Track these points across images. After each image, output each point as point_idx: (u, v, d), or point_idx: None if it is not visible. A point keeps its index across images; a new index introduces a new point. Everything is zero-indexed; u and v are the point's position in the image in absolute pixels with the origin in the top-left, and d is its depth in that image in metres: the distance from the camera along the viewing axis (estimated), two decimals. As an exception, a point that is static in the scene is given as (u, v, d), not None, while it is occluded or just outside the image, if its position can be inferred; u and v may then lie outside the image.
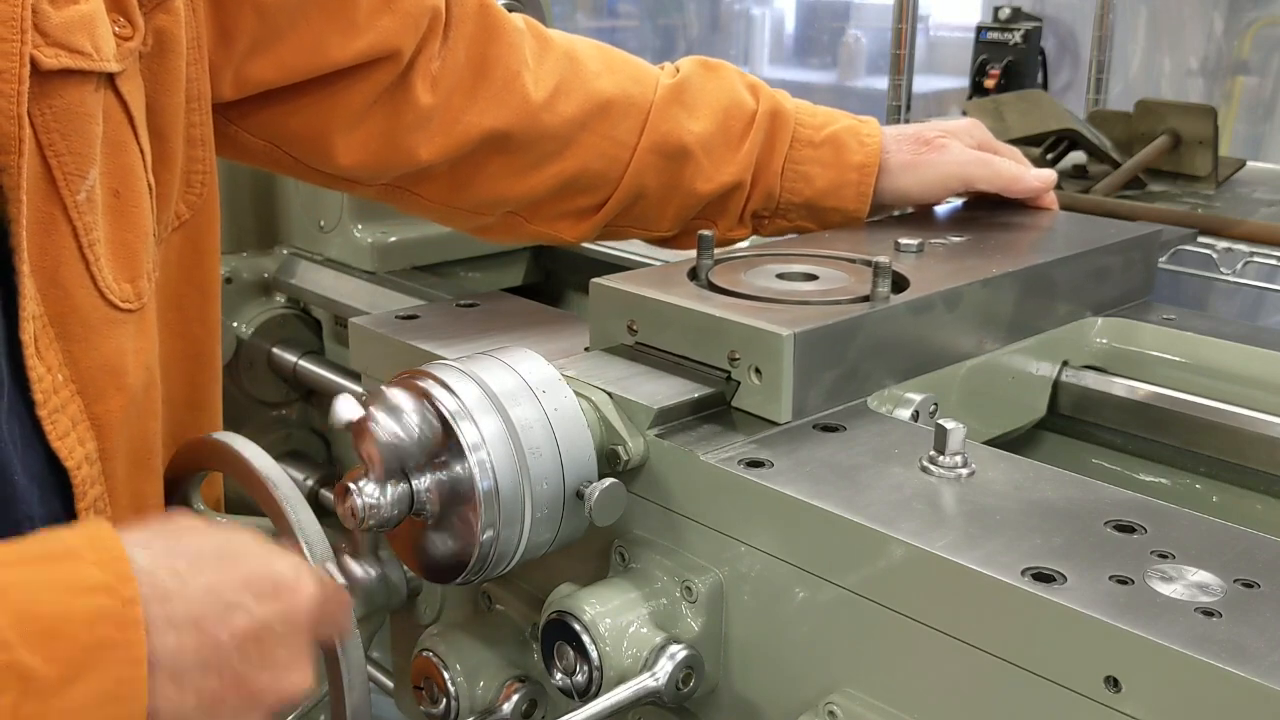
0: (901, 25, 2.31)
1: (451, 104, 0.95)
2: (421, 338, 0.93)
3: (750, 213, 1.06)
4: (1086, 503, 0.65)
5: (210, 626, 0.57)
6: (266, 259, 1.58)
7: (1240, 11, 3.29)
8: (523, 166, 0.99)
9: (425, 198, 1.01)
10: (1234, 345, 0.95)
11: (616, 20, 5.47)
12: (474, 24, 0.97)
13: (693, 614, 0.72)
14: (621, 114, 1.00)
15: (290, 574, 0.62)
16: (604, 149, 1.00)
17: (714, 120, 1.02)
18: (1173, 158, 1.74)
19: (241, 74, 0.87)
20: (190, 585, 0.57)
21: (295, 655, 0.61)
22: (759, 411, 0.75)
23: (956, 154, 1.06)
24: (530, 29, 1.01)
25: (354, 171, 0.96)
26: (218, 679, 0.57)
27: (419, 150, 0.95)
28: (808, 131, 1.04)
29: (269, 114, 0.92)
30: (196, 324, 0.87)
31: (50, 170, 0.68)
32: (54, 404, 0.69)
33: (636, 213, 1.04)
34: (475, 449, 0.69)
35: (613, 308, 0.84)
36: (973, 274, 0.88)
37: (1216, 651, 0.51)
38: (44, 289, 0.68)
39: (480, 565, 0.71)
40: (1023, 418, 0.97)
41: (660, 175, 1.02)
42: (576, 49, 1.02)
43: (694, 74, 1.05)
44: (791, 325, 0.74)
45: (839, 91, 4.73)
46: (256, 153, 0.96)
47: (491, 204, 1.01)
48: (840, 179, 1.04)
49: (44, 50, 0.66)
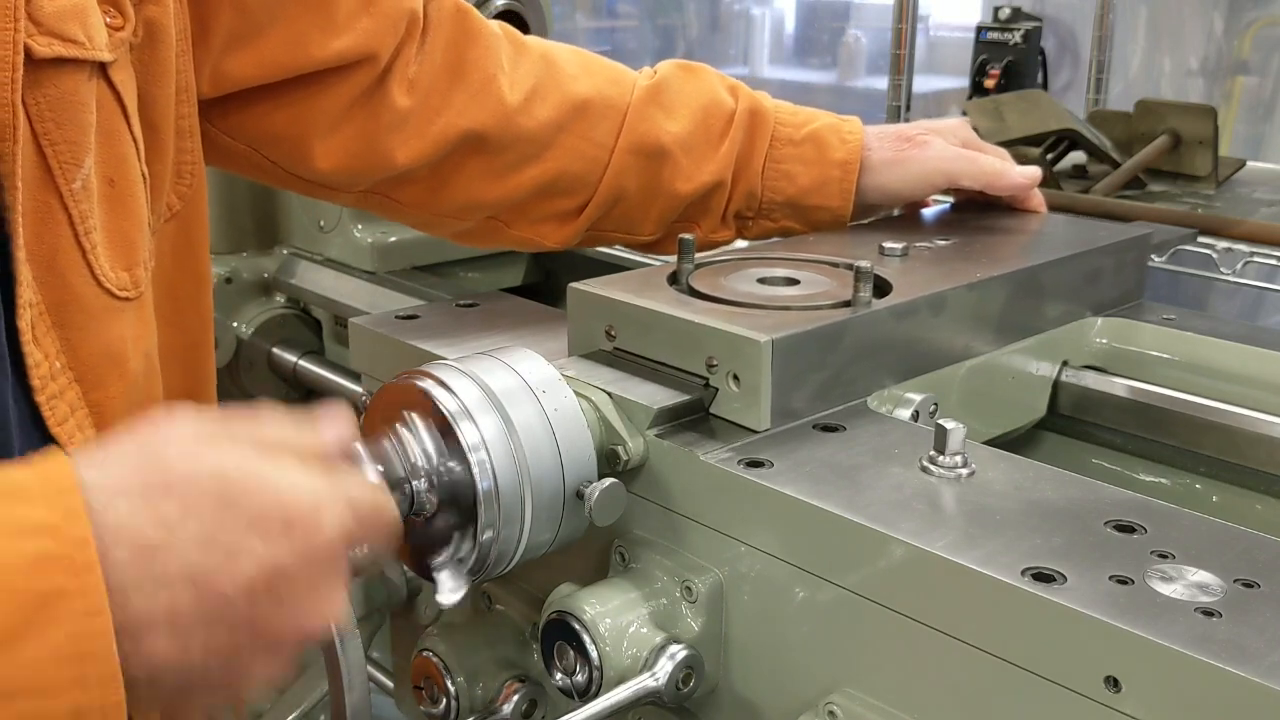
0: (901, 25, 2.31)
1: (428, 106, 0.95)
2: (421, 338, 0.93)
3: (733, 213, 1.06)
4: (1086, 503, 0.65)
5: (210, 579, 0.52)
6: (266, 259, 1.59)
7: (1240, 11, 3.29)
8: (500, 169, 0.99)
9: (404, 203, 1.01)
10: (1234, 345, 0.95)
11: (616, 20, 5.47)
12: (451, 27, 0.97)
13: (693, 614, 0.72)
14: (599, 115, 1.00)
15: (308, 505, 0.55)
16: (582, 150, 1.00)
17: (692, 120, 1.02)
18: (1173, 158, 1.74)
19: (220, 70, 0.87)
20: (181, 535, 0.51)
21: (319, 589, 0.55)
22: (737, 419, 0.75)
23: (939, 150, 1.06)
24: (506, 34, 1.01)
25: (332, 177, 0.97)
26: (227, 631, 0.52)
27: (396, 153, 0.95)
28: (788, 130, 1.04)
29: (247, 114, 0.92)
30: (191, 315, 0.88)
31: (45, 159, 0.68)
32: (52, 390, 0.69)
33: (618, 216, 1.04)
34: (475, 449, 0.69)
35: (591, 313, 0.83)
36: (957, 278, 0.87)
37: (1216, 651, 0.51)
38: (40, 277, 0.68)
39: (480, 565, 0.71)
40: (1023, 418, 0.97)
41: (639, 176, 1.01)
42: (553, 53, 1.03)
43: (672, 75, 1.05)
44: (770, 331, 0.74)
45: (839, 91, 4.73)
46: (236, 157, 0.96)
47: (470, 208, 1.01)
48: (823, 176, 1.03)
49: (37, 39, 0.66)
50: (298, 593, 0.54)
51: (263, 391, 1.59)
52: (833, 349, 0.78)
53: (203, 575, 0.52)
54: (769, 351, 0.73)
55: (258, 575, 0.53)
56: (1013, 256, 0.95)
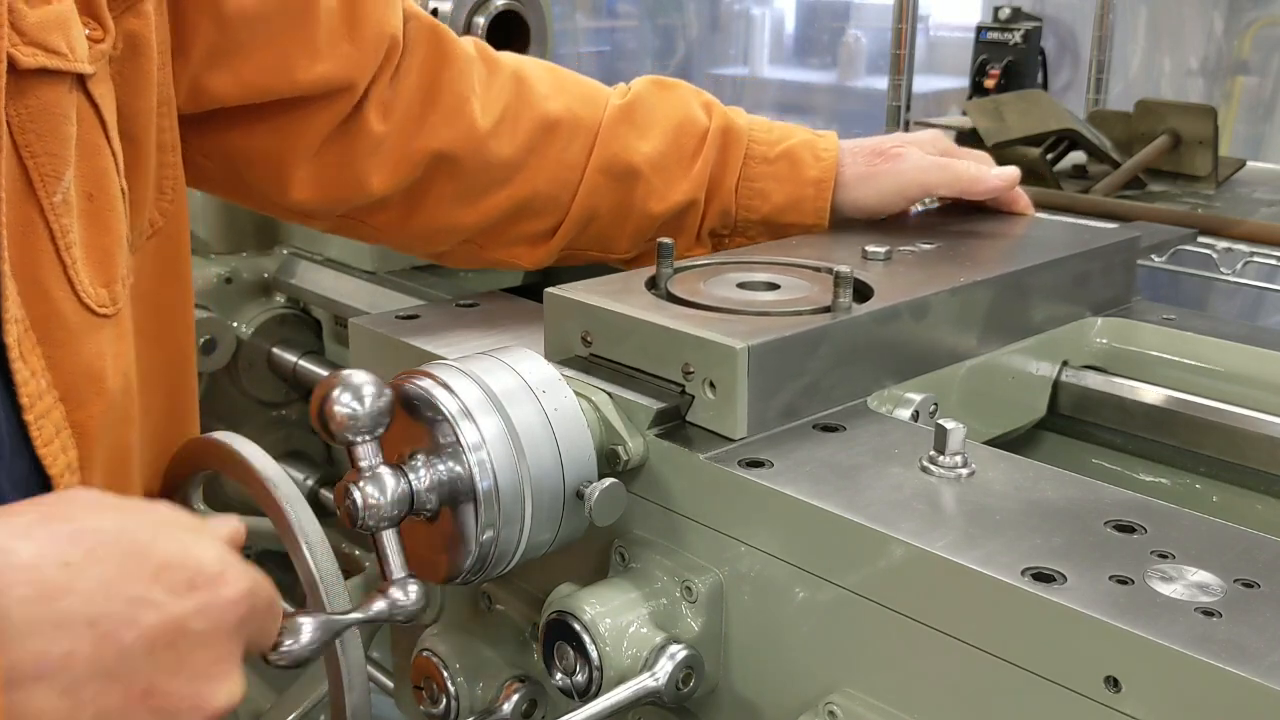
0: (901, 25, 2.31)
1: (403, 130, 0.95)
2: (421, 338, 0.93)
3: (708, 231, 1.05)
4: (1086, 503, 0.65)
5: (110, 627, 0.49)
6: (266, 259, 1.59)
7: (1240, 11, 3.29)
8: (471, 193, 0.98)
9: (377, 228, 1.01)
10: (1234, 345, 0.95)
11: (616, 20, 5.46)
12: (426, 49, 0.97)
13: (693, 614, 0.72)
14: (569, 135, 1.00)
15: (213, 562, 0.54)
16: (552, 172, 0.99)
17: (664, 139, 1.02)
18: (1173, 158, 1.75)
19: (199, 85, 0.86)
20: (84, 578, 0.49)
21: (221, 660, 0.53)
22: (713, 426, 0.74)
23: (914, 161, 1.04)
24: (479, 52, 1.01)
25: (308, 204, 0.96)
26: (122, 690, 0.50)
27: (371, 179, 0.95)
28: (762, 148, 1.03)
29: (226, 135, 0.91)
30: (175, 333, 0.86)
31: (26, 171, 0.67)
32: (40, 409, 0.68)
33: (592, 235, 1.03)
34: (475, 449, 0.69)
35: (567, 318, 0.83)
36: (940, 283, 0.86)
37: (1216, 651, 0.51)
38: (24, 292, 0.67)
39: (480, 565, 0.71)
40: (1023, 418, 0.97)
41: (611, 196, 1.01)
42: (525, 71, 1.02)
43: (645, 93, 1.04)
44: (746, 338, 0.73)
45: (839, 91, 4.73)
46: (213, 178, 0.95)
47: (444, 232, 1.01)
48: (797, 194, 1.03)
49: (21, 49, 0.65)
50: (198, 658, 0.52)
51: (263, 391, 1.59)
52: (811, 355, 0.77)
53: (104, 621, 0.49)
54: (745, 358, 0.72)
55: (160, 629, 0.51)
56: (997, 260, 0.95)
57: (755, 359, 0.73)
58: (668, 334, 0.76)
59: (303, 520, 0.74)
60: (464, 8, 1.44)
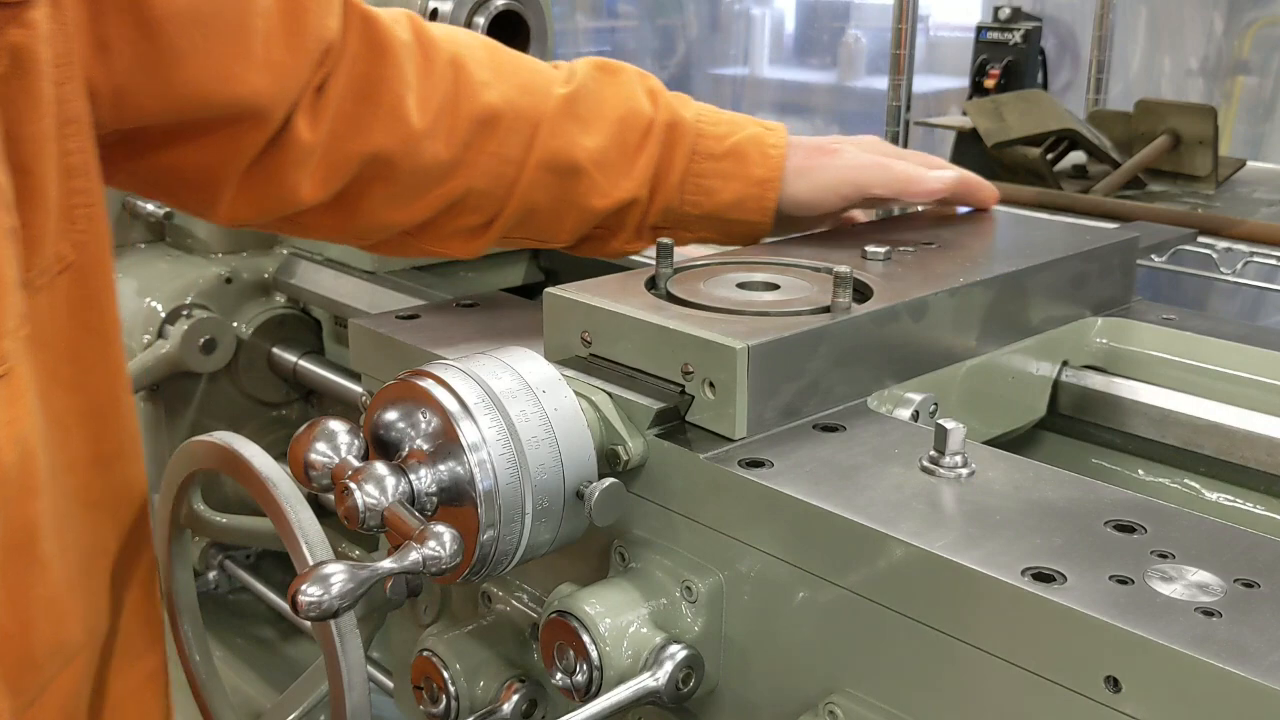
0: (901, 25, 2.31)
1: (334, 135, 0.90)
2: (421, 338, 0.93)
3: (650, 226, 1.03)
4: (1086, 503, 0.65)
5: None
6: (266, 259, 1.59)
7: (1240, 11, 3.29)
8: (406, 194, 0.95)
9: (313, 227, 0.98)
10: (1234, 345, 0.95)
11: (616, 20, 5.46)
12: (358, 43, 0.91)
13: (693, 614, 0.72)
14: (509, 129, 0.96)
15: None
16: (490, 168, 0.96)
17: (608, 133, 0.99)
18: (1173, 158, 1.75)
19: (124, 98, 0.78)
20: None
21: None
22: (712, 427, 0.74)
23: (850, 158, 1.02)
24: (415, 35, 0.94)
25: (239, 219, 0.93)
26: None
27: (301, 189, 0.90)
28: (709, 142, 1.01)
29: (155, 158, 0.85)
30: (98, 375, 0.78)
31: None
32: None
33: (530, 227, 1.01)
34: (475, 449, 0.69)
35: (566, 318, 0.82)
36: (939, 283, 0.86)
37: (1216, 651, 0.51)
38: None
39: (480, 565, 0.71)
40: (1023, 418, 0.97)
41: (551, 191, 0.98)
42: (463, 56, 0.97)
43: (590, 81, 1.00)
44: (746, 337, 0.73)
45: (839, 91, 4.73)
46: (139, 191, 0.92)
47: (378, 229, 0.99)
48: (743, 192, 1.01)
49: None
50: None
51: (263, 391, 1.59)
52: (811, 355, 0.77)
53: None
54: (745, 358, 0.72)
55: None
56: (997, 260, 0.95)
57: (755, 359, 0.73)
58: (667, 334, 0.76)
59: (303, 520, 0.74)
60: (464, 7, 1.44)
